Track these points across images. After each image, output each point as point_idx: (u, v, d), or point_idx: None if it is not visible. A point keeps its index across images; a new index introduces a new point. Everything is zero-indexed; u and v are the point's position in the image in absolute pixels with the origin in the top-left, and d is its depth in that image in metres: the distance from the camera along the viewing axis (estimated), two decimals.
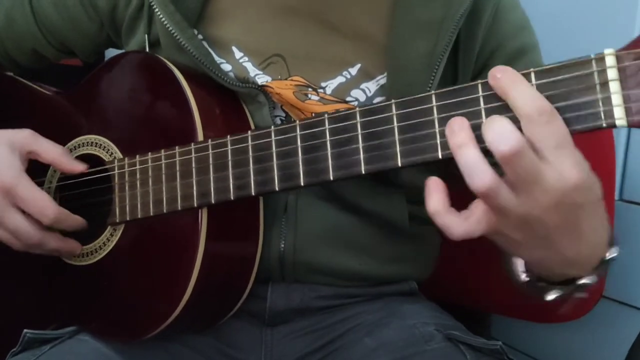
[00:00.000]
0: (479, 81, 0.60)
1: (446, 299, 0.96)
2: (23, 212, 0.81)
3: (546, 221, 0.57)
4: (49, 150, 0.84)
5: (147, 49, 0.87)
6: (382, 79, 0.83)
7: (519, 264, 0.68)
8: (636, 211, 1.04)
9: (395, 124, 0.64)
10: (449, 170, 0.60)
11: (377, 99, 0.83)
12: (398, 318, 0.84)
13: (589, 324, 1.06)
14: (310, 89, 0.83)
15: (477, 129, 0.58)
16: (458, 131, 0.57)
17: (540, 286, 0.67)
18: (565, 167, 0.55)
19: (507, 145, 0.54)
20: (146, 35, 0.87)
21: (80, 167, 0.84)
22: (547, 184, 0.55)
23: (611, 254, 0.64)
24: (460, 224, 0.59)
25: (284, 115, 0.85)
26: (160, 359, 0.82)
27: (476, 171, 0.55)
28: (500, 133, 0.54)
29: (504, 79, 0.57)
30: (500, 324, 1.22)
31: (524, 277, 0.68)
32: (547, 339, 1.17)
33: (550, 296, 0.67)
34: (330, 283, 0.86)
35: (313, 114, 0.82)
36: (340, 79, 0.83)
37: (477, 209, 0.58)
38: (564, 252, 0.61)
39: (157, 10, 0.82)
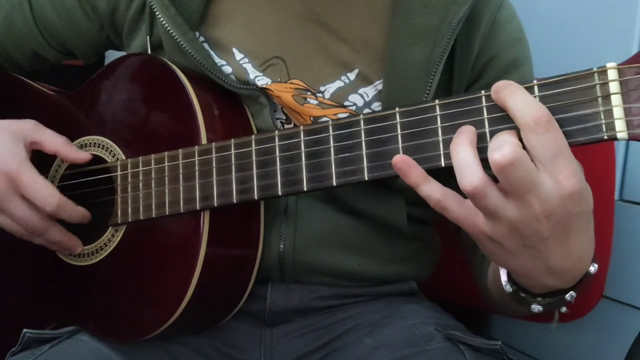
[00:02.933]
0: (483, 92, 0.60)
1: (446, 299, 0.96)
2: (26, 200, 0.81)
3: (539, 230, 0.58)
4: (52, 140, 0.84)
5: (150, 51, 0.87)
6: (380, 84, 0.83)
7: (502, 274, 0.69)
8: (636, 211, 1.04)
9: (399, 132, 0.64)
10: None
11: (375, 104, 0.83)
12: (398, 318, 0.85)
13: (589, 324, 1.06)
14: (309, 93, 0.83)
15: (481, 139, 0.59)
16: (458, 134, 0.59)
17: (522, 297, 0.68)
18: (562, 175, 0.56)
19: (499, 154, 0.54)
20: (148, 37, 0.87)
21: (84, 155, 0.85)
22: (543, 192, 0.56)
23: (594, 268, 0.65)
24: (440, 191, 0.60)
25: (284, 117, 0.85)
26: (159, 359, 0.82)
27: (467, 171, 0.57)
28: (496, 143, 0.55)
29: (504, 90, 0.58)
30: (500, 324, 1.22)
31: (507, 288, 0.69)
32: (547, 339, 1.17)
33: (534, 308, 0.68)
34: (329, 283, 0.86)
35: (312, 118, 0.82)
36: (338, 83, 0.83)
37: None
38: (550, 263, 0.61)
39: (157, 13, 0.82)
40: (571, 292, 0.65)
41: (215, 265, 0.76)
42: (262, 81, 0.83)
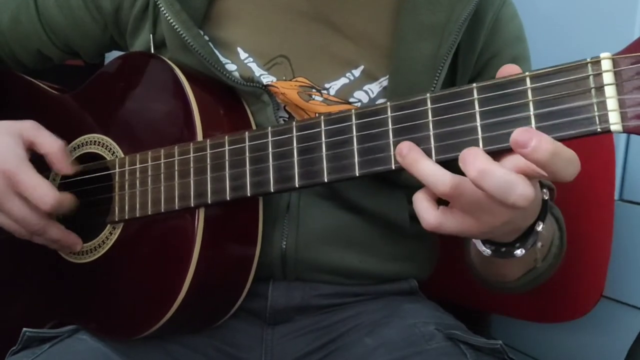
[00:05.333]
0: (474, 84, 0.59)
1: (446, 299, 0.96)
2: (24, 199, 0.81)
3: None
4: (47, 143, 0.83)
5: (152, 50, 0.87)
6: (385, 81, 0.83)
7: (477, 243, 0.69)
8: (636, 211, 1.04)
9: (390, 126, 0.63)
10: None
11: (380, 101, 0.83)
12: (398, 317, 0.85)
13: (589, 324, 1.05)
14: (314, 90, 0.83)
15: (472, 132, 0.58)
16: (407, 152, 0.60)
17: (503, 251, 0.68)
18: None
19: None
20: (151, 36, 0.87)
21: (70, 169, 0.84)
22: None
23: (545, 194, 0.67)
24: (433, 214, 0.61)
25: (287, 116, 0.85)
26: (159, 359, 0.82)
27: (436, 178, 0.58)
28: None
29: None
30: (500, 324, 1.22)
31: (486, 252, 0.69)
32: (547, 339, 1.16)
33: (517, 253, 0.68)
34: (331, 281, 0.86)
35: (317, 115, 0.82)
36: (343, 80, 0.83)
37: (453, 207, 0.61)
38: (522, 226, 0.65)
39: (163, 9, 0.82)
40: (539, 222, 0.66)
41: (211, 263, 0.76)
42: (267, 79, 0.84)
